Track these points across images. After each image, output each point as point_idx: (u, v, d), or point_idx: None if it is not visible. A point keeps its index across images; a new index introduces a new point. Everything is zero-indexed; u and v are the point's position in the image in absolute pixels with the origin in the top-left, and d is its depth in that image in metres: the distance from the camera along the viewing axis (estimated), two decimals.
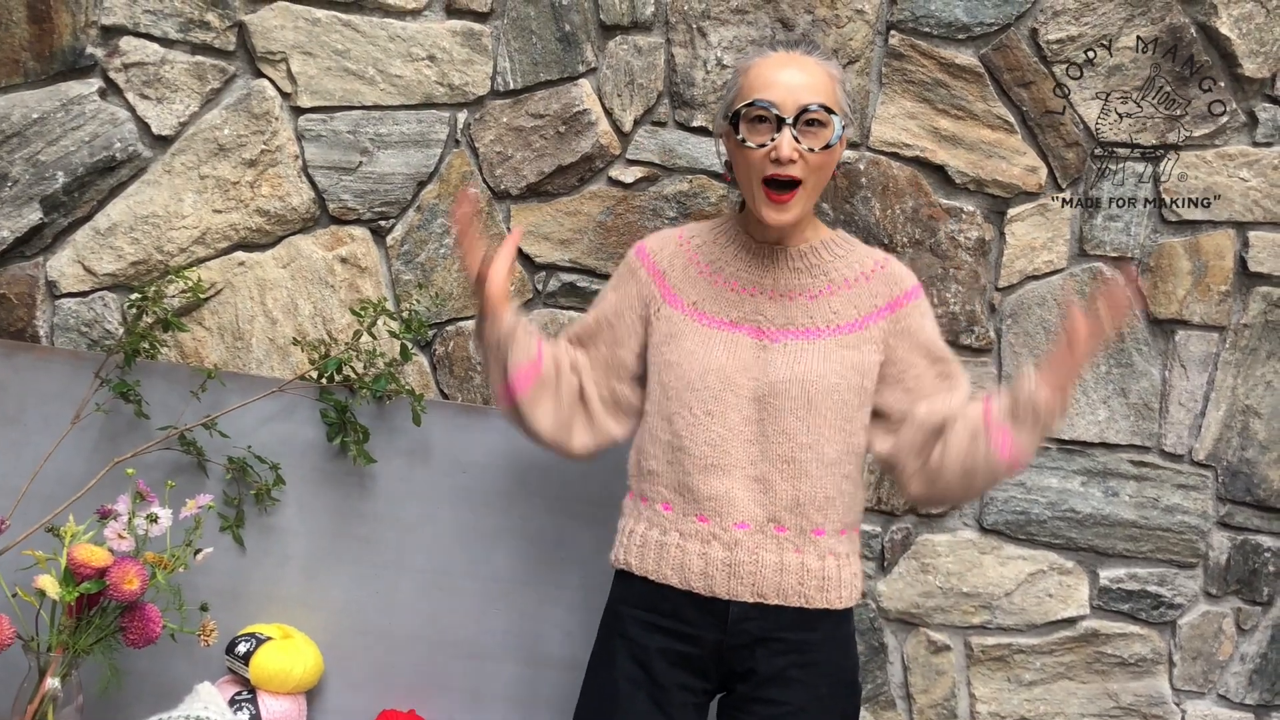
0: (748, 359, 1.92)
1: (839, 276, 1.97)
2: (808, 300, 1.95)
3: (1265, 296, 2.57)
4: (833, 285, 1.96)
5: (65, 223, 2.44)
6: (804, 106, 1.85)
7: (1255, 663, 2.66)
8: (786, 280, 1.97)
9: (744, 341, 1.94)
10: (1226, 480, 2.61)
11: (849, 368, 1.91)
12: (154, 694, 2.28)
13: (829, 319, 1.94)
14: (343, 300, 2.49)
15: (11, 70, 2.40)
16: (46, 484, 2.22)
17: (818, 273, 1.97)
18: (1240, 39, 2.49)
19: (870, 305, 1.95)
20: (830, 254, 1.98)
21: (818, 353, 1.91)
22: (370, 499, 2.33)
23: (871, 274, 1.97)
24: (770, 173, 1.86)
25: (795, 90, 1.86)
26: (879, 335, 1.94)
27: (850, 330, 1.94)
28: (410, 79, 2.45)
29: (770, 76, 1.87)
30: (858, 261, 1.99)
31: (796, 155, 1.85)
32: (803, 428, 1.88)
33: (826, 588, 1.90)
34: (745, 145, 1.88)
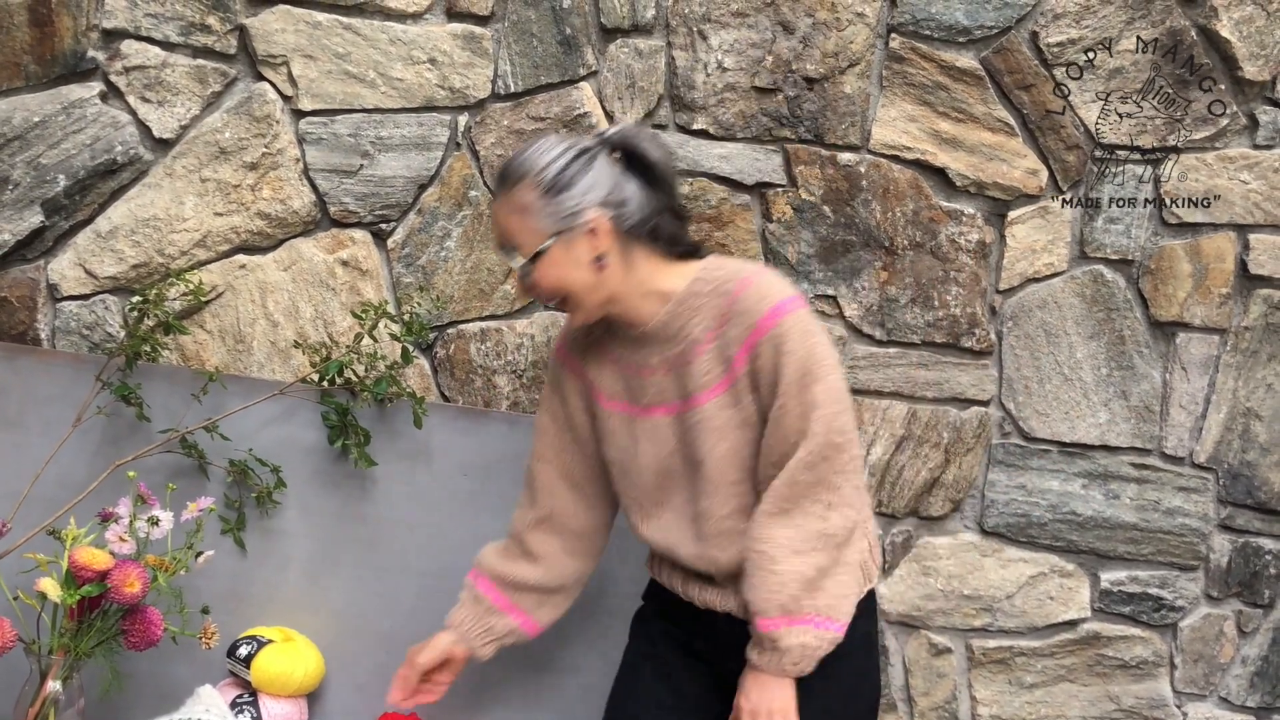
0: (672, 441, 1.90)
1: (700, 332, 1.84)
2: (685, 367, 1.86)
3: (1266, 299, 2.57)
4: (698, 345, 1.84)
5: (66, 226, 2.44)
6: (504, 253, 1.86)
7: (1256, 665, 2.66)
8: (665, 353, 1.88)
9: (663, 424, 1.90)
10: (1227, 483, 2.62)
11: (735, 427, 1.84)
12: (155, 697, 2.27)
13: (703, 382, 1.84)
14: (344, 303, 2.49)
15: (13, 73, 2.40)
16: (48, 487, 2.21)
17: (682, 337, 1.86)
18: (1241, 41, 2.49)
19: (731, 353, 1.82)
20: (688, 310, 1.85)
21: (707, 422, 1.84)
22: (371, 502, 2.33)
23: (726, 315, 1.82)
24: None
25: (497, 238, 1.87)
26: (747, 382, 1.82)
27: (724, 388, 1.83)
28: (411, 82, 2.46)
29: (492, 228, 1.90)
30: (714, 306, 1.84)
31: (530, 294, 1.87)
32: (719, 500, 1.85)
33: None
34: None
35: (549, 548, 2.05)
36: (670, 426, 1.89)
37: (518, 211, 1.81)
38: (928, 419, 2.57)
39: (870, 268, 2.54)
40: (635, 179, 1.84)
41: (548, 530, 2.05)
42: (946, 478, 2.59)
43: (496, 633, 2.06)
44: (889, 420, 2.57)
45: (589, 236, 1.81)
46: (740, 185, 2.51)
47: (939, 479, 2.59)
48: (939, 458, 2.58)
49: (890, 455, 2.58)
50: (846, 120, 2.50)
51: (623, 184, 1.83)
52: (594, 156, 1.82)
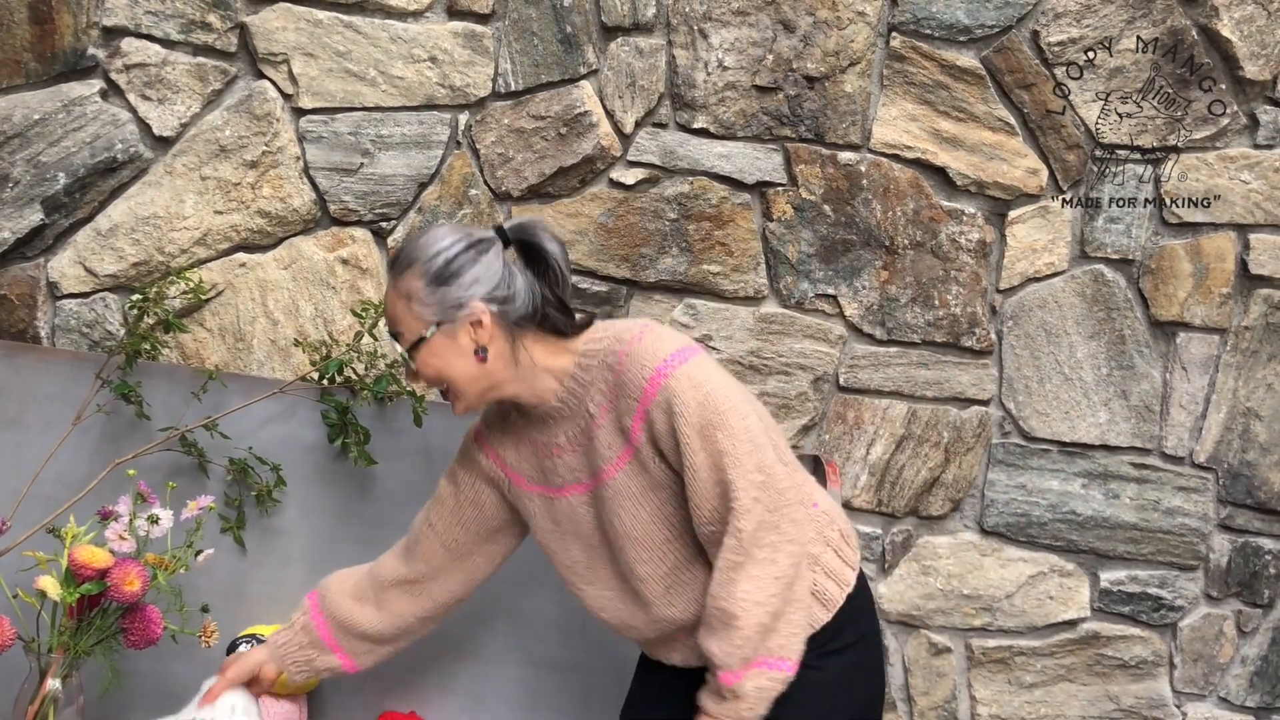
0: (590, 519, 1.90)
1: (595, 408, 1.83)
2: (589, 442, 1.85)
3: (1266, 299, 2.57)
4: (595, 420, 1.83)
5: (66, 224, 2.44)
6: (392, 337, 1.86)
7: (1256, 665, 2.66)
8: (568, 431, 1.88)
9: (579, 502, 1.90)
10: (1227, 483, 2.62)
11: (650, 491, 1.82)
12: (155, 695, 2.27)
13: (607, 456, 1.83)
14: (344, 301, 2.49)
15: (13, 71, 2.39)
16: (47, 485, 2.21)
17: (580, 415, 1.85)
18: (1241, 41, 2.49)
19: (626, 424, 1.80)
20: (579, 386, 1.84)
21: (617, 496, 1.84)
22: (371, 500, 2.33)
23: (614, 389, 1.80)
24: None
25: (387, 322, 1.87)
26: (651, 449, 1.79)
27: (628, 458, 1.82)
28: (411, 80, 2.45)
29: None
30: (602, 379, 1.82)
31: (413, 378, 1.87)
32: (653, 562, 1.85)
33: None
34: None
35: (404, 607, 2.03)
36: (585, 505, 1.89)
37: (404, 297, 1.80)
38: (928, 418, 2.57)
39: (871, 267, 2.54)
40: (528, 271, 1.83)
41: (411, 592, 2.03)
42: (946, 477, 2.59)
43: (315, 667, 2.05)
44: (889, 419, 2.57)
45: (472, 328, 1.79)
46: (741, 184, 2.51)
47: (939, 478, 2.59)
48: (939, 457, 2.58)
49: (890, 454, 2.58)
50: (847, 119, 2.50)
51: (512, 277, 1.81)
52: (485, 249, 1.80)
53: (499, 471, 1.98)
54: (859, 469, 2.58)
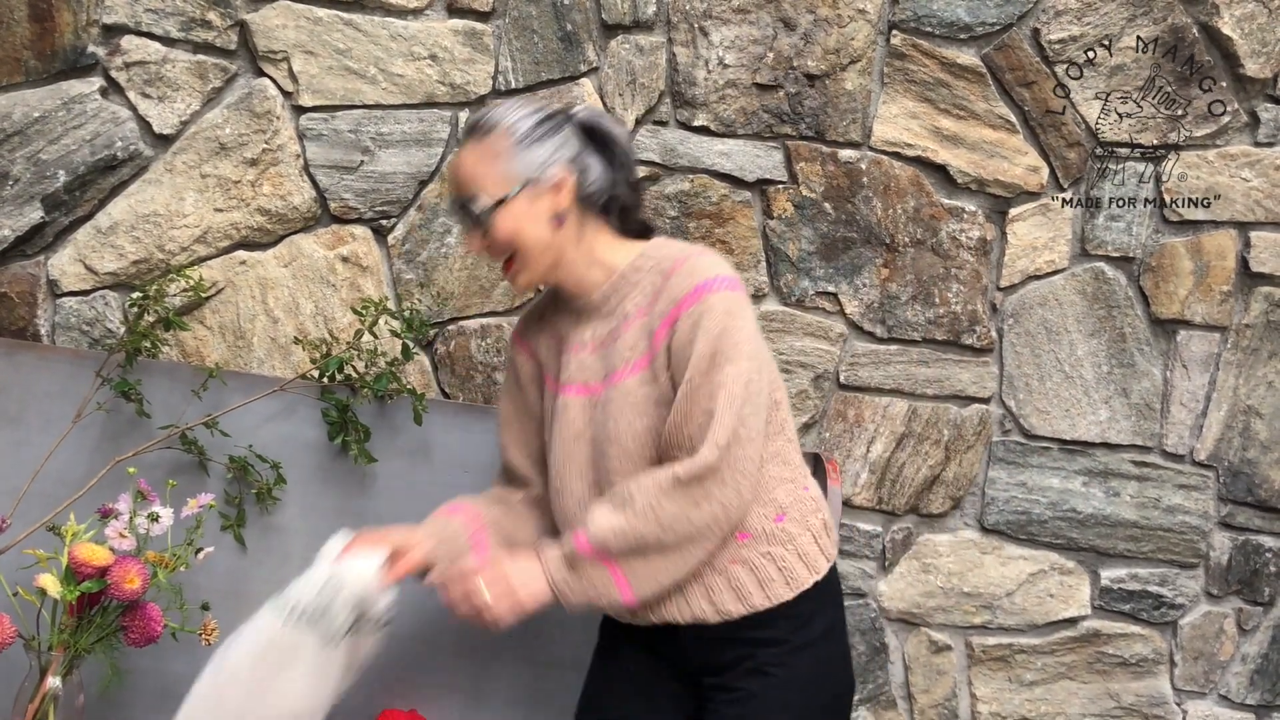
0: (581, 422, 1.88)
1: (633, 307, 1.86)
2: (614, 343, 1.86)
3: (1267, 297, 2.57)
4: (628, 320, 1.85)
5: (66, 221, 2.44)
6: (462, 201, 1.85)
7: (1256, 663, 2.66)
8: (598, 329, 1.89)
9: (575, 404, 1.89)
10: (1228, 480, 2.62)
11: (653, 404, 1.81)
12: (155, 693, 2.27)
13: (627, 358, 1.84)
14: (344, 299, 2.49)
15: (13, 69, 2.39)
16: (47, 483, 2.21)
17: (618, 311, 1.87)
18: (1242, 39, 2.49)
19: (653, 329, 1.82)
20: (628, 283, 1.87)
21: (621, 399, 1.83)
22: (371, 498, 2.33)
23: (660, 291, 1.83)
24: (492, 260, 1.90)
25: (455, 186, 1.87)
26: (664, 359, 1.80)
27: (645, 364, 1.82)
28: (412, 78, 2.45)
29: (448, 176, 1.93)
30: (650, 281, 1.85)
31: (481, 248, 1.86)
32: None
33: (744, 596, 1.83)
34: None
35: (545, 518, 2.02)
36: (582, 408, 1.88)
37: (488, 158, 1.82)
38: (928, 416, 2.57)
39: (871, 265, 2.53)
40: (596, 155, 1.88)
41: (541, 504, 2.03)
42: (947, 475, 2.59)
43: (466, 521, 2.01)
44: (889, 417, 2.57)
45: (553, 192, 1.83)
46: (741, 182, 2.50)
47: (939, 476, 2.59)
48: (939, 455, 2.58)
49: (890, 452, 2.58)
50: (848, 117, 2.50)
51: (585, 154, 1.86)
52: (564, 123, 1.86)
53: (536, 369, 2.00)
54: (859, 467, 2.58)
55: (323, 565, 1.87)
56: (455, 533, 1.97)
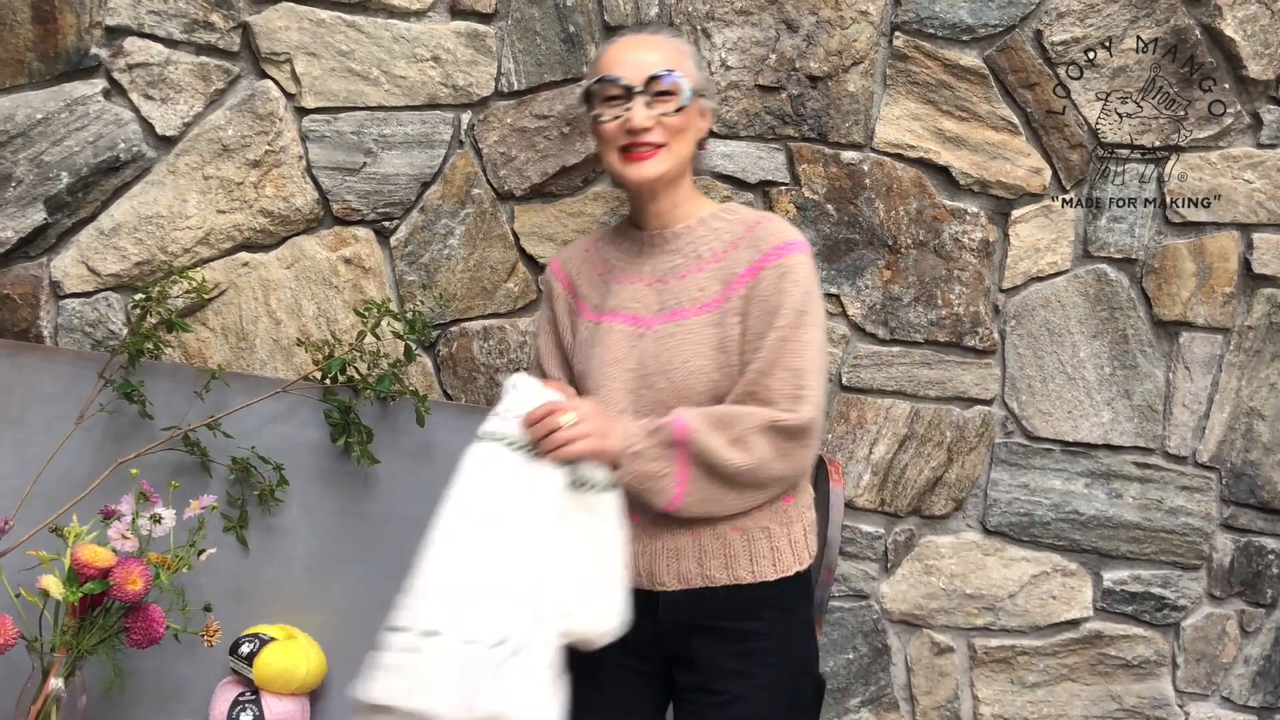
0: (621, 349, 1.91)
1: (707, 251, 1.93)
2: (678, 281, 1.93)
3: (1269, 298, 2.57)
4: (700, 261, 1.92)
5: (69, 223, 2.44)
6: (652, 75, 1.89)
7: (1259, 665, 2.66)
8: (661, 264, 1.96)
9: (619, 330, 1.93)
10: (1230, 482, 2.61)
11: (712, 347, 1.86)
12: (157, 694, 2.27)
13: (694, 297, 1.90)
14: (346, 301, 2.49)
15: (16, 71, 2.40)
16: (50, 484, 2.21)
17: (689, 251, 1.94)
18: (1245, 41, 2.49)
19: (732, 274, 1.88)
20: (706, 229, 1.95)
21: (682, 336, 1.88)
22: (374, 500, 2.33)
23: (740, 240, 1.91)
24: (626, 142, 1.91)
25: (642, 64, 1.91)
26: (739, 304, 1.86)
27: (714, 306, 1.88)
28: (414, 80, 2.45)
29: (619, 55, 1.94)
30: (730, 231, 1.93)
31: (651, 122, 1.89)
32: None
33: (733, 564, 1.86)
34: (600, 120, 1.93)
35: None
36: (625, 335, 1.92)
37: (681, 53, 1.96)
38: (930, 418, 2.57)
39: (873, 266, 2.53)
40: None
41: None
42: (949, 477, 2.59)
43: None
44: (892, 419, 2.57)
45: (703, 116, 1.98)
46: (744, 183, 2.51)
47: (942, 478, 2.59)
48: (942, 457, 2.58)
49: (893, 454, 2.58)
50: (850, 119, 2.50)
51: None
52: None
53: (571, 299, 2.05)
54: (862, 468, 2.58)
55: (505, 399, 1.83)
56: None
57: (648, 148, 1.90)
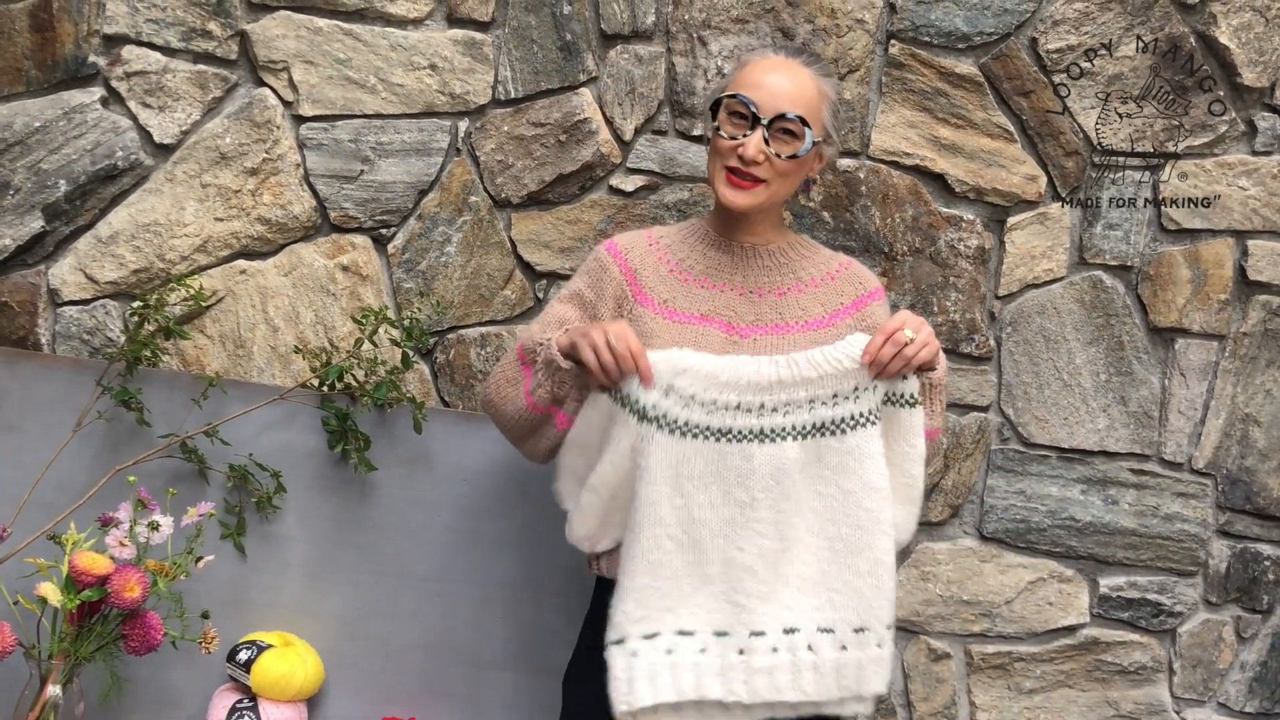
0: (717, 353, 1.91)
1: (805, 275, 2.01)
2: (776, 297, 1.99)
3: (1265, 305, 2.58)
4: (800, 283, 2.01)
5: (67, 231, 2.44)
6: (781, 113, 1.89)
7: (1255, 670, 2.66)
8: (755, 277, 2.01)
9: (714, 335, 1.95)
10: (1226, 488, 2.62)
11: None
12: (155, 701, 2.28)
13: (798, 315, 1.98)
14: (344, 308, 2.49)
15: (14, 79, 2.40)
16: (48, 491, 2.22)
17: (785, 271, 2.01)
18: (1240, 48, 2.49)
19: (837, 303, 2.00)
20: (797, 254, 2.04)
21: (785, 348, 1.92)
22: (371, 507, 2.33)
23: (837, 274, 2.03)
24: (733, 164, 1.91)
25: (777, 96, 1.91)
26: (844, 332, 1.94)
27: (819, 326, 1.97)
28: (411, 88, 2.46)
29: (759, 76, 1.93)
30: (823, 262, 2.04)
31: (763, 157, 1.90)
32: None
33: None
34: (719, 133, 1.93)
35: None
36: (721, 342, 1.94)
37: (822, 96, 1.97)
38: None
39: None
40: None
41: None
42: (946, 483, 2.59)
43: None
44: None
45: (818, 161, 2.01)
46: None
47: (938, 484, 2.59)
48: (938, 463, 2.58)
49: None
50: (846, 126, 2.50)
51: None
52: None
53: (625, 286, 2.01)
54: None
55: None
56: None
57: (750, 179, 1.92)
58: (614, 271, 2.02)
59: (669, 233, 2.09)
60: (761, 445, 1.81)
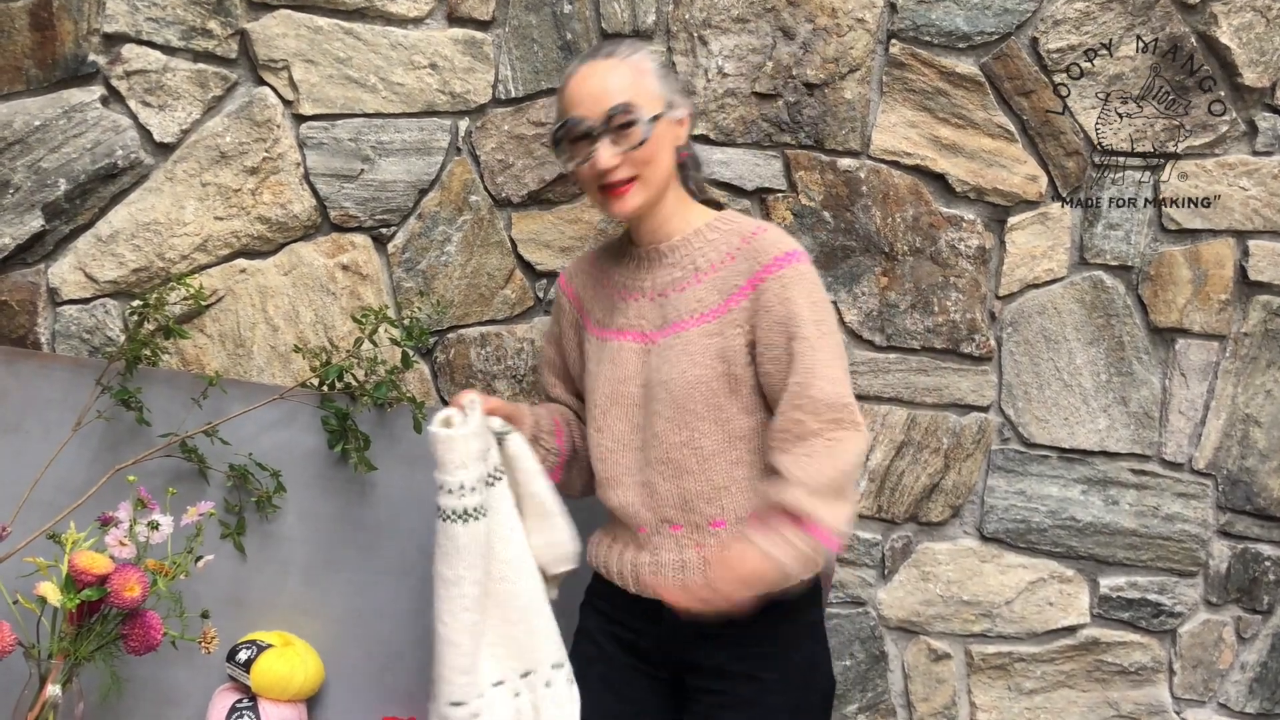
0: (631, 366, 1.94)
1: (704, 262, 1.92)
2: (678, 294, 1.93)
3: (1265, 305, 2.58)
4: (698, 273, 1.92)
5: (67, 230, 2.44)
6: (605, 112, 1.86)
7: (1256, 671, 2.66)
8: (660, 278, 1.96)
9: (628, 348, 1.96)
10: (1226, 489, 2.62)
11: (712, 357, 1.87)
12: (154, 701, 2.27)
13: (693, 309, 1.90)
14: (344, 307, 2.49)
15: (14, 77, 2.40)
16: (48, 491, 2.22)
17: (685, 264, 1.94)
18: (1240, 48, 2.49)
19: (733, 285, 1.88)
20: (702, 240, 1.94)
21: (682, 347, 1.89)
22: (371, 506, 2.33)
23: (738, 251, 1.90)
24: (603, 182, 1.90)
25: (594, 98, 1.88)
26: (742, 316, 1.87)
27: (713, 316, 1.89)
28: (412, 87, 2.46)
29: (573, 94, 1.91)
30: (726, 242, 1.92)
31: (618, 159, 1.87)
32: (672, 427, 1.88)
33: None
34: (569, 166, 1.92)
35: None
36: (635, 353, 1.94)
37: (637, 73, 1.89)
38: (927, 424, 2.57)
39: (870, 273, 2.54)
40: None
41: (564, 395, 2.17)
42: (946, 483, 2.59)
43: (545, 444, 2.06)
44: (888, 426, 2.57)
45: (679, 125, 1.94)
46: (740, 190, 2.51)
47: (938, 484, 2.59)
48: (938, 463, 2.58)
49: (890, 461, 2.58)
50: (846, 126, 2.50)
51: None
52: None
53: (576, 313, 2.08)
54: (859, 475, 2.58)
55: (449, 441, 1.89)
56: (541, 414, 2.07)
57: (620, 183, 1.88)
58: (564, 302, 2.12)
59: (608, 247, 2.11)
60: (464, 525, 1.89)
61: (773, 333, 1.84)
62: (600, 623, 2.03)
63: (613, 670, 1.98)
